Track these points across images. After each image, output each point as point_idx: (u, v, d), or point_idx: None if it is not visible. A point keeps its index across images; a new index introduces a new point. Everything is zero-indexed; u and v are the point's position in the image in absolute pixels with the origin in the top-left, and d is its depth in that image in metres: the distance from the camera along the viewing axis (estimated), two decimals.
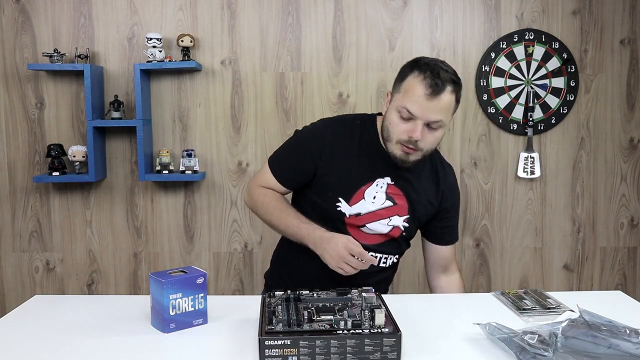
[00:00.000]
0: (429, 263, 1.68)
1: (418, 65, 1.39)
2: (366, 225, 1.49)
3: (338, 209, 1.48)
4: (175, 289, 1.20)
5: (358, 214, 1.48)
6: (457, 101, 1.42)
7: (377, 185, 1.49)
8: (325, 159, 1.49)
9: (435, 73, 1.36)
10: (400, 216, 1.51)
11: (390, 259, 1.57)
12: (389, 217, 1.50)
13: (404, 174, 1.50)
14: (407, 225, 1.52)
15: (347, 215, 1.48)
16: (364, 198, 1.48)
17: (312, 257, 1.45)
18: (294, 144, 1.56)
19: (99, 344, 1.15)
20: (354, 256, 1.34)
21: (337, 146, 1.50)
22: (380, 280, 1.59)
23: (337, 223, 1.49)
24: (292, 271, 1.61)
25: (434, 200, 1.56)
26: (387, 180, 1.49)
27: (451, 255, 1.66)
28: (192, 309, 1.23)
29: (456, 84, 1.39)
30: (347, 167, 1.49)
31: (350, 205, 1.48)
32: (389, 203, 1.49)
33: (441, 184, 1.57)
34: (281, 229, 1.51)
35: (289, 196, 1.61)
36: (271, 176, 1.55)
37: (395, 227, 1.51)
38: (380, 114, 1.55)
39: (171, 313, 1.20)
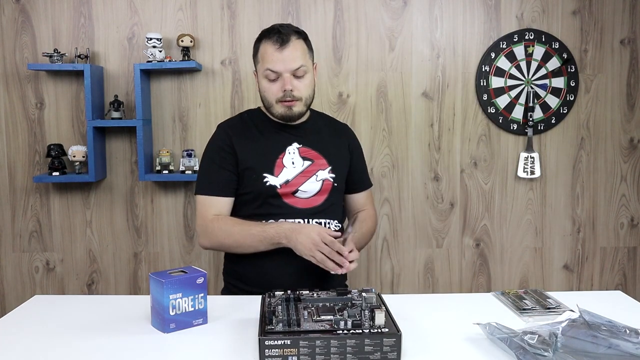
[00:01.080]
0: (349, 216, 1.80)
1: (261, 34, 1.59)
2: (299, 189, 1.59)
3: (267, 184, 1.58)
4: (175, 289, 1.20)
5: (287, 181, 1.59)
6: (310, 48, 1.61)
7: (289, 153, 1.62)
8: (238, 149, 1.61)
9: (275, 31, 1.55)
10: (323, 169, 1.64)
11: (331, 224, 1.64)
12: (314, 174, 1.62)
13: (307, 135, 1.66)
14: (333, 175, 1.65)
15: (279, 186, 1.59)
16: (285, 166, 1.61)
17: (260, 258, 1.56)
18: (208, 157, 1.66)
19: (99, 344, 1.15)
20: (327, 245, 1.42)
21: (240, 136, 1.64)
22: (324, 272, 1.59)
23: (272, 198, 1.58)
24: (246, 274, 1.64)
25: (343, 150, 1.72)
26: (296, 145, 1.64)
27: (365, 201, 1.79)
28: (192, 309, 1.23)
29: (300, 33, 1.58)
30: (257, 148, 1.62)
31: (277, 176, 1.59)
32: (307, 162, 1.63)
33: (343, 135, 1.76)
34: (247, 243, 1.54)
35: None
36: (208, 200, 1.61)
37: (325, 180, 1.63)
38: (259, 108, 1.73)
39: (171, 313, 1.20)
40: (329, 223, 1.62)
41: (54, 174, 2.34)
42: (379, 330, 1.04)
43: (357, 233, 1.63)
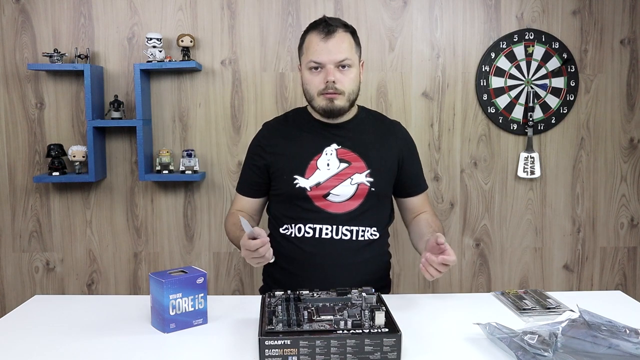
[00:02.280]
0: (403, 218, 1.73)
1: (309, 26, 1.55)
2: (331, 192, 1.54)
3: (297, 186, 1.54)
4: (175, 289, 1.20)
5: (318, 184, 1.54)
6: (357, 43, 1.56)
7: (326, 154, 1.56)
8: (271, 151, 1.60)
9: (322, 22, 1.52)
10: (360, 173, 1.56)
11: (368, 231, 1.57)
12: (349, 177, 1.55)
13: (349, 135, 1.59)
14: (371, 179, 1.56)
15: (309, 189, 1.54)
16: (318, 168, 1.55)
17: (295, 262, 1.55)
18: (246, 158, 1.69)
19: (99, 344, 1.15)
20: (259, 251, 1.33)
21: (277, 136, 1.62)
22: (369, 271, 1.57)
23: (302, 201, 1.54)
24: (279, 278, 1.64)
25: (389, 151, 1.61)
26: (334, 146, 1.57)
27: (422, 204, 1.69)
28: (192, 309, 1.23)
29: (347, 26, 1.54)
30: (292, 148, 1.58)
31: (307, 178, 1.54)
32: (344, 165, 1.56)
33: (392, 134, 1.65)
34: (235, 244, 1.59)
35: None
36: (239, 197, 1.67)
37: (360, 185, 1.55)
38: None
39: (171, 313, 1.20)
40: (363, 231, 1.55)
41: (54, 174, 2.34)
42: (379, 330, 1.04)
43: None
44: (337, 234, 1.53)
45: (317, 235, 1.54)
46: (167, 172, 2.38)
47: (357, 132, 1.60)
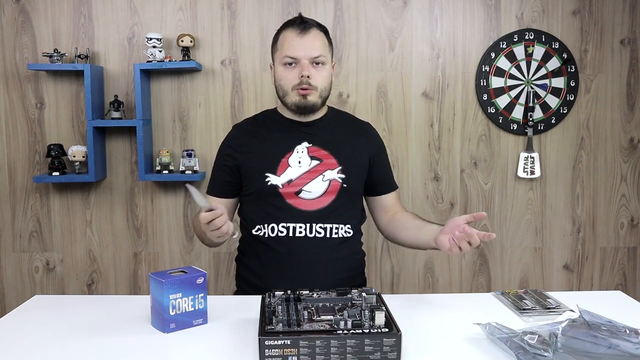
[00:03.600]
0: (377, 218, 1.73)
1: (283, 24, 1.57)
2: (302, 189, 1.54)
3: (269, 183, 1.55)
4: (175, 289, 1.20)
5: (290, 181, 1.55)
6: (330, 43, 1.59)
7: (297, 152, 1.57)
8: (241, 151, 1.61)
9: (298, 19, 1.54)
10: (332, 169, 1.57)
11: (342, 229, 1.57)
12: (321, 174, 1.56)
13: (319, 133, 1.60)
14: (343, 176, 1.57)
15: (280, 186, 1.54)
16: (289, 166, 1.56)
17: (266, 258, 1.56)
18: (215, 160, 1.69)
19: (99, 344, 1.15)
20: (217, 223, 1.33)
21: (249, 136, 1.63)
22: (344, 268, 1.58)
23: (274, 199, 1.55)
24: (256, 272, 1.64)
25: (360, 149, 1.63)
26: (305, 144, 1.58)
27: (395, 202, 1.70)
28: (192, 309, 1.23)
29: (321, 26, 1.57)
30: (262, 147, 1.60)
31: (279, 176, 1.55)
32: (315, 162, 1.57)
33: (362, 134, 1.67)
34: (197, 233, 1.62)
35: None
36: (208, 196, 1.67)
37: (332, 181, 1.56)
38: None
39: (171, 313, 1.20)
40: (337, 228, 1.56)
41: (54, 174, 2.34)
42: (379, 330, 1.04)
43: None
44: (310, 232, 1.54)
45: (290, 234, 1.54)
46: (167, 172, 2.38)
47: (328, 130, 1.62)
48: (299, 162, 1.56)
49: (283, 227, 1.54)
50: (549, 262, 2.57)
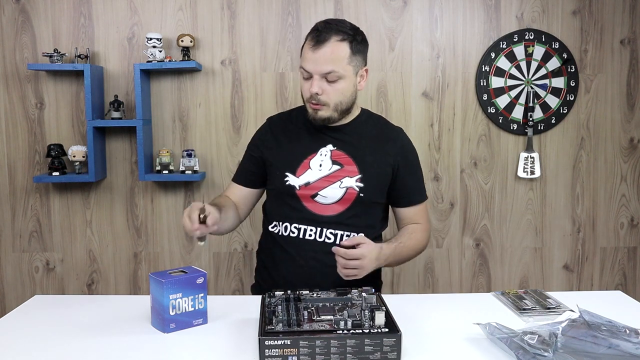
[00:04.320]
0: (399, 228, 1.66)
1: (311, 29, 1.49)
2: (319, 193, 1.53)
3: (287, 183, 1.54)
4: (175, 289, 1.20)
5: (307, 183, 1.53)
6: (355, 51, 1.48)
7: (320, 154, 1.55)
8: (269, 145, 1.61)
9: (317, 28, 1.46)
10: (351, 177, 1.53)
11: (353, 236, 1.51)
12: (339, 180, 1.53)
13: (346, 137, 1.56)
14: (361, 185, 1.53)
15: (297, 187, 1.53)
16: (310, 168, 1.54)
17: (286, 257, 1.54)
18: (246, 150, 1.69)
19: (99, 344, 1.15)
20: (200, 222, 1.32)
21: (278, 131, 1.62)
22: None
23: (291, 199, 1.54)
24: (271, 270, 1.64)
25: (385, 157, 1.57)
26: (330, 147, 1.55)
27: (415, 216, 1.62)
28: (192, 309, 1.23)
29: (345, 33, 1.45)
30: (288, 145, 1.59)
31: (298, 177, 1.54)
32: (336, 167, 1.54)
33: (391, 140, 1.60)
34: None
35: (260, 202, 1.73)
36: (232, 185, 1.67)
37: (348, 189, 1.53)
38: None
39: (171, 313, 1.20)
40: (348, 235, 1.52)
41: (54, 174, 2.34)
42: (379, 330, 1.04)
43: (401, 243, 1.51)
44: (320, 236, 1.52)
45: (301, 236, 1.53)
46: (167, 172, 2.38)
47: (355, 135, 1.57)
48: (320, 165, 1.53)
49: (295, 227, 1.54)
50: (549, 262, 2.57)
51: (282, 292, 1.24)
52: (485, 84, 2.46)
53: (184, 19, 2.41)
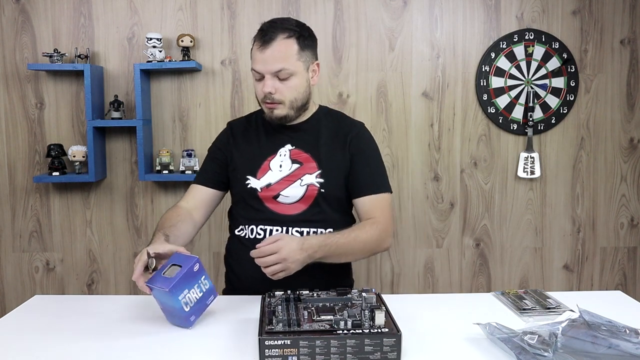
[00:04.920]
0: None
1: (256, 33, 1.51)
2: (280, 193, 1.53)
3: (249, 186, 1.55)
4: (180, 289, 1.20)
5: (269, 185, 1.54)
6: (303, 47, 1.50)
7: (280, 155, 1.56)
8: (231, 149, 1.62)
9: (263, 29, 1.48)
10: (311, 174, 1.54)
11: (321, 233, 1.51)
12: (299, 178, 1.54)
13: (304, 135, 1.58)
14: (321, 180, 1.53)
15: (259, 189, 1.54)
16: (270, 169, 1.55)
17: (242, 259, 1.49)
18: (207, 155, 1.69)
19: (99, 344, 1.15)
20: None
21: (239, 136, 1.63)
22: (324, 272, 1.49)
23: (254, 201, 1.55)
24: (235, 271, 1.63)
25: (342, 150, 1.57)
26: (288, 147, 1.57)
27: (371, 208, 1.54)
28: (201, 293, 1.23)
29: (291, 30, 1.48)
30: (248, 148, 1.60)
31: (259, 179, 1.55)
32: (296, 166, 1.55)
33: (346, 134, 1.59)
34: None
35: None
36: (193, 187, 1.65)
37: (309, 186, 1.53)
38: None
39: (187, 310, 1.20)
40: (315, 232, 1.51)
41: (54, 174, 2.34)
42: (379, 330, 1.04)
43: (338, 235, 1.42)
44: None
45: (267, 237, 1.51)
46: (167, 172, 2.38)
47: (312, 132, 1.58)
48: (280, 166, 1.55)
49: (261, 229, 1.54)
50: (549, 262, 2.57)
51: (282, 292, 1.24)
52: (485, 84, 2.46)
53: (184, 19, 2.41)
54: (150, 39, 2.31)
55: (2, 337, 1.19)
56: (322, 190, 1.52)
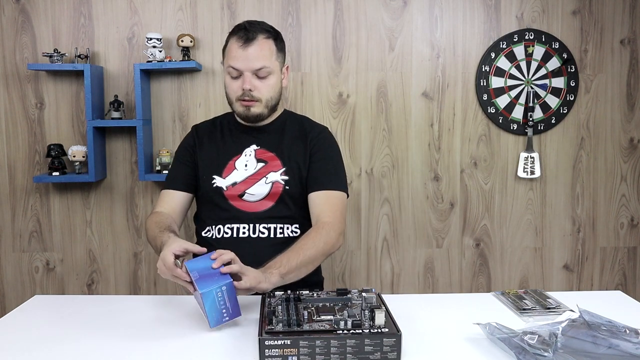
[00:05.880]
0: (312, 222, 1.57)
1: (232, 30, 1.55)
2: (246, 192, 1.56)
3: (214, 185, 1.57)
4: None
5: (234, 183, 1.57)
6: (279, 49, 1.56)
7: (245, 155, 1.60)
8: (198, 150, 1.64)
9: (243, 27, 1.52)
10: (275, 171, 1.57)
11: (288, 228, 1.57)
12: (264, 176, 1.57)
13: (269, 137, 1.62)
14: (286, 177, 1.57)
15: (225, 188, 1.57)
16: (235, 168, 1.58)
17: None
18: (174, 159, 1.71)
19: (99, 344, 1.15)
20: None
21: (204, 138, 1.66)
22: None
23: (220, 201, 1.57)
24: None
25: (304, 148, 1.61)
26: (253, 147, 1.61)
27: (323, 204, 1.54)
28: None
29: (269, 32, 1.54)
30: (214, 149, 1.63)
31: (224, 178, 1.57)
32: (260, 164, 1.58)
33: (308, 134, 1.64)
34: (152, 247, 1.53)
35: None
36: (165, 193, 1.64)
37: (274, 183, 1.56)
38: None
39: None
40: (282, 228, 1.56)
41: (54, 174, 2.34)
42: (379, 330, 1.04)
43: (287, 264, 1.36)
44: (254, 232, 1.54)
45: (234, 235, 1.55)
46: (167, 172, 2.37)
47: (277, 133, 1.63)
48: (246, 165, 1.58)
49: (228, 228, 1.56)
50: (549, 262, 2.57)
51: (282, 292, 1.24)
52: (485, 84, 2.46)
53: (184, 19, 2.41)
54: (150, 39, 2.31)
55: (2, 337, 1.19)
56: (287, 188, 1.56)
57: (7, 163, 2.47)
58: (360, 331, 1.04)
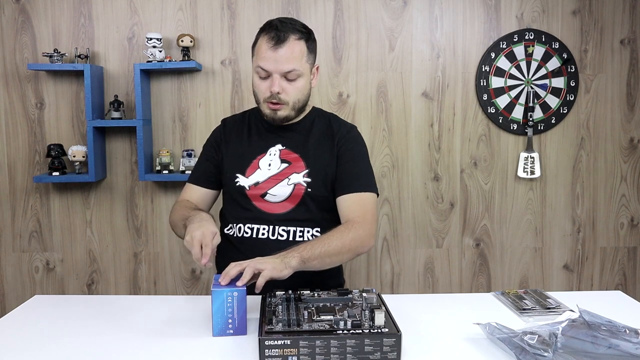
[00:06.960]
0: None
1: (263, 27, 1.50)
2: (268, 192, 1.54)
3: (237, 184, 1.56)
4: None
5: (257, 183, 1.55)
6: (310, 49, 1.52)
7: (270, 154, 1.57)
8: (224, 147, 1.62)
9: (275, 27, 1.46)
10: (298, 173, 1.54)
11: (308, 232, 1.53)
12: (287, 177, 1.54)
13: (295, 136, 1.58)
14: (308, 180, 1.53)
15: (247, 187, 1.55)
16: (259, 168, 1.56)
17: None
18: (201, 153, 1.70)
19: (99, 344, 1.15)
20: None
21: (231, 133, 1.64)
22: (312, 272, 1.43)
23: (242, 200, 1.56)
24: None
25: (331, 149, 1.57)
26: (279, 147, 1.58)
27: (354, 206, 1.50)
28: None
29: (301, 32, 1.48)
30: (240, 146, 1.61)
31: (247, 177, 1.55)
32: (284, 165, 1.55)
33: (336, 135, 1.59)
34: (176, 229, 1.56)
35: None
36: (189, 187, 1.66)
37: (296, 185, 1.53)
38: None
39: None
40: (302, 231, 1.52)
41: (54, 174, 2.34)
42: (379, 330, 1.04)
43: (309, 250, 1.34)
44: (273, 234, 1.52)
45: (254, 236, 1.53)
46: (167, 172, 2.38)
47: (304, 133, 1.59)
48: (269, 165, 1.55)
49: (248, 227, 1.55)
50: (549, 262, 2.57)
51: (283, 292, 1.24)
52: (485, 84, 2.46)
53: (184, 19, 2.41)
54: (150, 39, 2.31)
55: (2, 337, 1.19)
56: (309, 190, 1.53)
57: (7, 163, 2.47)
58: (360, 331, 1.04)
